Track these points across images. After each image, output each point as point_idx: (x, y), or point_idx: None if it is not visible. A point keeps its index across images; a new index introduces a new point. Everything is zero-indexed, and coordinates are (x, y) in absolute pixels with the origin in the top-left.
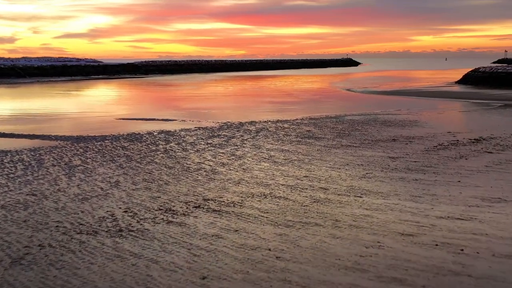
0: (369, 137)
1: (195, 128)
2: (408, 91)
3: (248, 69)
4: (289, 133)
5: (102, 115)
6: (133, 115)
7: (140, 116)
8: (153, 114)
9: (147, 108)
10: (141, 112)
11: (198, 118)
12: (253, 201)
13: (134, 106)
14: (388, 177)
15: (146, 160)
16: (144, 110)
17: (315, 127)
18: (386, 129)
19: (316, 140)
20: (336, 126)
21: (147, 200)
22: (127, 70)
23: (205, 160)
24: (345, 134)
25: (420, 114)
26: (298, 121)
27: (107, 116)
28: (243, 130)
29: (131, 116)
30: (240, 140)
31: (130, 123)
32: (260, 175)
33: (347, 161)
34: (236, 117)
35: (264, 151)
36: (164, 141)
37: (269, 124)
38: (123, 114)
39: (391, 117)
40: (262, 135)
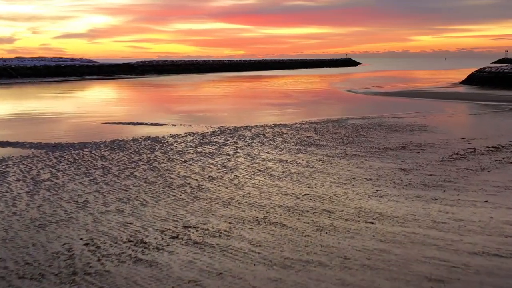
0: (376, 144)
1: (186, 134)
2: (412, 92)
3: (247, 69)
4: (287, 139)
5: (88, 119)
6: (121, 118)
7: (128, 120)
8: (142, 118)
9: (138, 111)
10: (130, 116)
11: (190, 122)
12: (244, 228)
13: (124, 109)
14: (402, 195)
15: (125, 174)
16: (134, 113)
17: (316, 133)
18: (393, 135)
19: (318, 148)
20: (339, 131)
21: (116, 228)
22: (123, 70)
23: (191, 173)
24: (349, 141)
25: (428, 117)
26: (298, 126)
27: (93, 120)
28: (238, 136)
29: (119, 120)
30: (233, 148)
31: (116, 128)
32: (254, 192)
33: (353, 175)
34: (231, 121)
35: (259, 162)
36: (149, 149)
37: (266, 129)
38: (111, 117)
39: (398, 121)
40: (258, 142)
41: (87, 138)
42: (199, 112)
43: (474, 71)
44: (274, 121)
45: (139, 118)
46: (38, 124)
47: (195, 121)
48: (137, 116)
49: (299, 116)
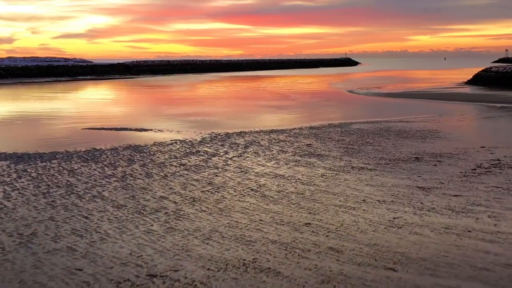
0: (386, 154)
1: (172, 142)
2: (417, 93)
3: (245, 69)
4: (285, 148)
5: (69, 124)
6: (105, 123)
7: (112, 124)
8: (128, 122)
9: (124, 115)
10: (115, 120)
11: (178, 127)
12: (226, 279)
13: (109, 112)
14: (426, 225)
15: (91, 194)
16: (119, 117)
17: (317, 140)
18: (403, 142)
19: (319, 159)
20: (342, 138)
21: (59, 278)
22: (117, 70)
23: (170, 193)
24: (354, 150)
25: (438, 121)
26: (296, 131)
27: (74, 124)
28: (229, 144)
29: (102, 124)
30: (223, 160)
31: (96, 134)
32: (242, 221)
33: (363, 195)
34: (224, 126)
35: (251, 178)
36: (127, 161)
37: (261, 135)
38: (94, 122)
39: (406, 125)
40: (252, 151)
41: (61, 147)
42: (190, 116)
43: (480, 71)
44: (271, 126)
45: (124, 122)
46: (12, 129)
47: (184, 126)
48: (123, 120)
49: (298, 120)
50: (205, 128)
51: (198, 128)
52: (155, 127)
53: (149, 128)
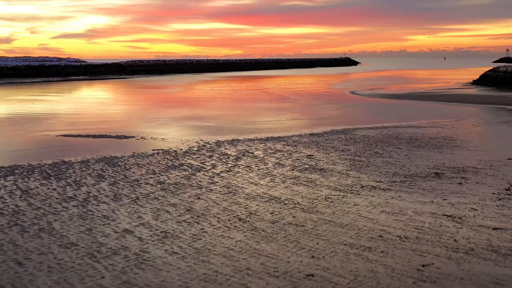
0: (399, 168)
1: (153, 152)
2: (423, 95)
3: (243, 69)
4: (282, 160)
5: (44, 130)
6: (84, 129)
7: (91, 130)
8: (109, 128)
9: (106, 119)
10: (95, 125)
11: (163, 134)
12: None
13: (91, 116)
14: (468, 278)
15: (39, 226)
16: (100, 122)
17: (319, 150)
18: (418, 153)
19: (322, 175)
20: (347, 147)
21: None
22: (111, 70)
23: (138, 224)
24: (362, 164)
25: (452, 126)
26: (295, 139)
27: (49, 131)
28: (219, 155)
29: (80, 130)
30: (209, 176)
31: (70, 143)
32: (224, 271)
33: (378, 229)
34: (214, 132)
35: (240, 202)
36: (96, 177)
37: (256, 144)
38: (72, 127)
39: (417, 131)
40: (244, 165)
41: (24, 159)
42: (179, 120)
43: (488, 71)
44: (267, 132)
45: (105, 127)
46: None
47: (171, 132)
48: (104, 125)
49: (297, 125)
50: (194, 135)
51: (186, 135)
52: (138, 133)
53: (132, 134)
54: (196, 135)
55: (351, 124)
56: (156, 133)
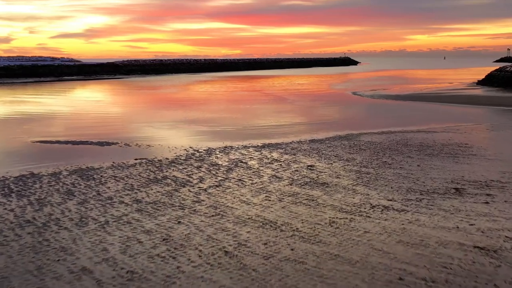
0: (413, 182)
1: (134, 162)
2: (428, 96)
3: (241, 69)
4: (279, 172)
5: (19, 135)
6: (63, 134)
7: (72, 136)
8: (92, 133)
9: (91, 122)
10: (77, 129)
11: (150, 140)
12: None
13: (76, 120)
14: None
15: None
16: (84, 126)
17: (320, 159)
18: (432, 163)
19: (325, 191)
20: (352, 156)
21: None
22: (106, 70)
23: (100, 260)
24: (370, 176)
25: (464, 131)
26: (294, 146)
27: (25, 136)
28: (208, 165)
29: (60, 136)
30: (195, 193)
31: (45, 150)
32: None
33: (397, 267)
34: (205, 138)
35: (228, 228)
36: (64, 194)
37: (250, 152)
38: (51, 132)
39: (427, 137)
40: (235, 178)
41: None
42: (168, 124)
43: (494, 71)
44: (263, 137)
45: (88, 132)
46: None
47: (158, 138)
48: (87, 130)
49: (296, 130)
50: (183, 141)
51: (174, 141)
52: (123, 139)
53: (115, 140)
54: (185, 142)
55: (355, 128)
56: (142, 139)
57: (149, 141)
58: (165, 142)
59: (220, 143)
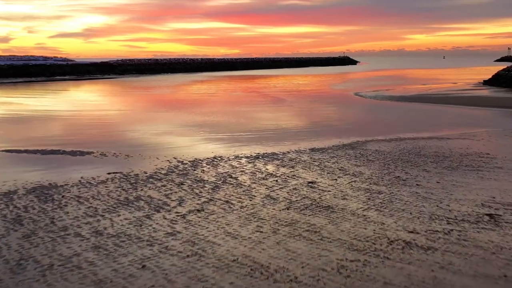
0: (436, 206)
1: (106, 178)
2: (434, 97)
3: (239, 68)
4: (274, 192)
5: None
6: (34, 141)
7: (43, 143)
8: (67, 139)
9: (69, 127)
10: (53, 135)
11: (130, 149)
12: None
13: (53, 124)
14: None
15: None
16: (61, 131)
17: (323, 173)
18: (452, 178)
19: (330, 219)
20: (359, 169)
21: None
22: (100, 69)
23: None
24: (383, 197)
25: (482, 138)
26: (293, 156)
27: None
28: (191, 182)
29: (29, 143)
30: (170, 221)
31: (8, 161)
32: None
33: None
34: (193, 147)
35: (207, 276)
36: (11, 222)
37: (242, 163)
38: (22, 139)
39: (441, 145)
40: (222, 200)
41: None
42: (155, 129)
43: (501, 70)
44: (258, 145)
45: (64, 139)
46: None
47: (140, 146)
48: (63, 136)
49: (295, 137)
50: (166, 150)
51: (157, 150)
52: (100, 147)
53: (91, 149)
54: (169, 151)
55: (360, 134)
56: (122, 147)
57: (129, 149)
58: (147, 151)
59: (209, 153)
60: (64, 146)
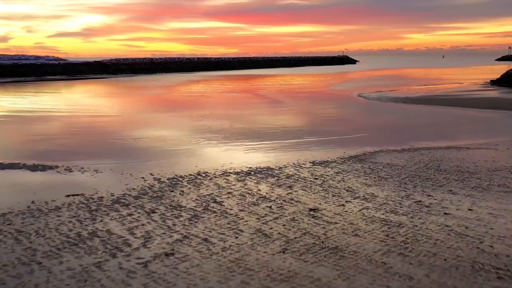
0: (475, 248)
1: (62, 203)
2: (441, 98)
3: (236, 68)
4: (267, 224)
5: None
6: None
7: (3, 154)
8: (33, 149)
9: (41, 134)
10: (18, 144)
11: (101, 161)
12: None
13: (23, 130)
14: None
15: None
16: (29, 139)
17: (327, 197)
18: (486, 204)
19: (339, 269)
20: (371, 190)
21: None
22: (93, 69)
23: None
24: (406, 233)
25: (506, 147)
26: (291, 172)
27: None
28: (165, 209)
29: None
30: (125, 275)
31: None
32: None
33: None
34: (174, 161)
35: None
36: None
37: (230, 182)
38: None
39: (463, 157)
40: (199, 237)
41: None
42: (134, 138)
43: (510, 70)
44: (250, 158)
45: (29, 149)
46: None
47: (113, 159)
48: (30, 145)
49: (294, 147)
50: (144, 164)
51: (134, 163)
52: (67, 160)
53: (55, 162)
54: (147, 164)
55: (367, 143)
56: (93, 159)
57: (101, 163)
58: (121, 165)
59: (191, 169)
60: (27, 158)
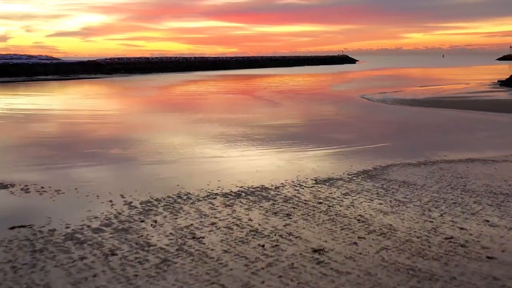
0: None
1: (2, 240)
2: (449, 100)
3: (234, 67)
4: (257, 276)
5: None
6: None
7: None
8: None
9: (6, 144)
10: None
11: (66, 180)
12: None
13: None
14: None
15: None
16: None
17: (334, 230)
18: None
19: None
20: (389, 221)
21: None
22: (86, 69)
23: None
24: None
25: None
26: (289, 194)
27: None
28: (129, 249)
29: None
30: None
31: None
32: None
33: None
34: (151, 179)
35: None
36: None
37: (215, 208)
38: None
39: (489, 172)
40: None
41: None
42: (115, 147)
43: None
44: (241, 176)
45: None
46: None
47: (80, 176)
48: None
49: (293, 160)
50: (117, 182)
51: (103, 182)
52: (27, 177)
53: (13, 180)
54: (119, 182)
55: (377, 154)
56: (56, 177)
57: (66, 179)
58: (88, 184)
59: (172, 190)
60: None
